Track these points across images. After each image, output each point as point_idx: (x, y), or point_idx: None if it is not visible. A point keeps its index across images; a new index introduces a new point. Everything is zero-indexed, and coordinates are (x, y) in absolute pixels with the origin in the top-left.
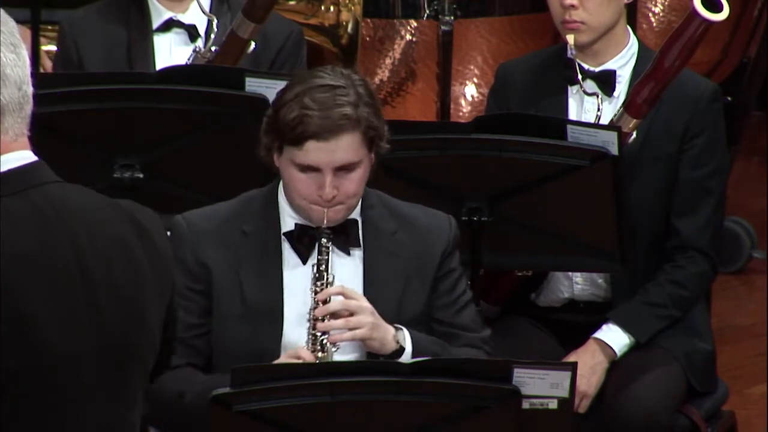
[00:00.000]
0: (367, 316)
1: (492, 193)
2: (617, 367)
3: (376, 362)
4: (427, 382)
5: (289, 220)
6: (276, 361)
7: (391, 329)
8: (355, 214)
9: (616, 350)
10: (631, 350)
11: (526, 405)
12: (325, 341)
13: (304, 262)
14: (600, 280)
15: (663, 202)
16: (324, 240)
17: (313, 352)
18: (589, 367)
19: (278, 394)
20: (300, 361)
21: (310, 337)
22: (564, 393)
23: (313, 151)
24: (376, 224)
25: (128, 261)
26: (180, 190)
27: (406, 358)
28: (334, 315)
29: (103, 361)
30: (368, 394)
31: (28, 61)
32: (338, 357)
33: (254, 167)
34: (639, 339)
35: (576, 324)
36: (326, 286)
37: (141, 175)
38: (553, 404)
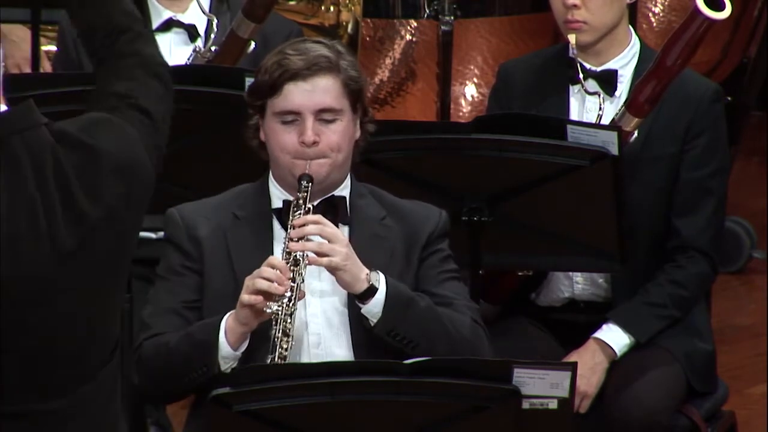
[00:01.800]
0: (342, 246)
1: (492, 193)
2: (617, 367)
3: (376, 362)
4: (427, 382)
5: (277, 201)
6: (254, 274)
7: (364, 269)
8: (344, 193)
9: (616, 350)
10: (631, 350)
11: (526, 405)
12: (297, 255)
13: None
14: (600, 280)
15: (664, 202)
16: (304, 182)
17: (287, 264)
18: (589, 367)
19: (278, 394)
20: (274, 269)
21: (283, 254)
22: (564, 393)
23: (292, 93)
24: (364, 210)
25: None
26: (180, 190)
27: (380, 298)
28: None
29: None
30: (368, 394)
31: None
32: (324, 332)
33: (254, 167)
34: (639, 339)
35: (576, 324)
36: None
37: None
38: (553, 404)
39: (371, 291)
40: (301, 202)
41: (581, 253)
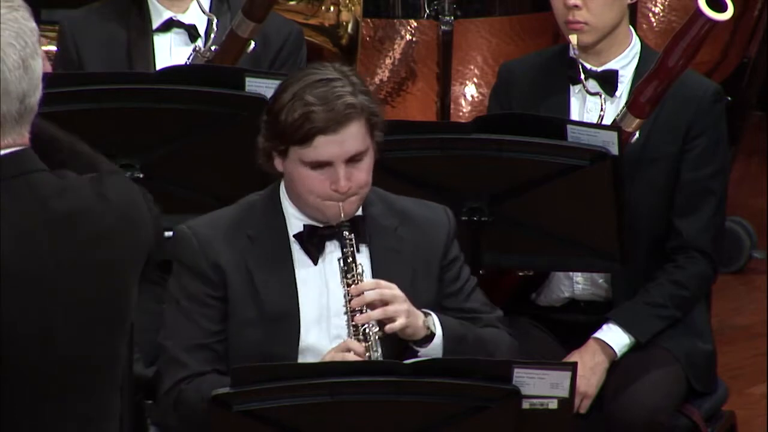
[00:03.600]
0: (402, 304)
1: (492, 193)
2: (617, 367)
3: (376, 362)
4: (427, 382)
5: (295, 222)
6: (325, 357)
7: (421, 315)
8: (359, 210)
9: (617, 350)
10: (632, 350)
11: (526, 405)
12: (367, 330)
13: (315, 262)
14: (600, 280)
15: (664, 202)
16: (346, 233)
17: (357, 341)
18: (590, 367)
19: (278, 394)
20: (351, 354)
21: (351, 329)
22: (564, 393)
23: (323, 146)
24: (378, 221)
25: (107, 249)
26: (180, 190)
27: (438, 342)
28: (370, 306)
29: (74, 347)
30: (368, 394)
31: (40, 70)
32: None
33: (254, 167)
34: (639, 339)
35: (576, 324)
36: (356, 278)
37: (141, 175)
38: (553, 404)
39: (430, 336)
40: (349, 260)
41: (581, 253)
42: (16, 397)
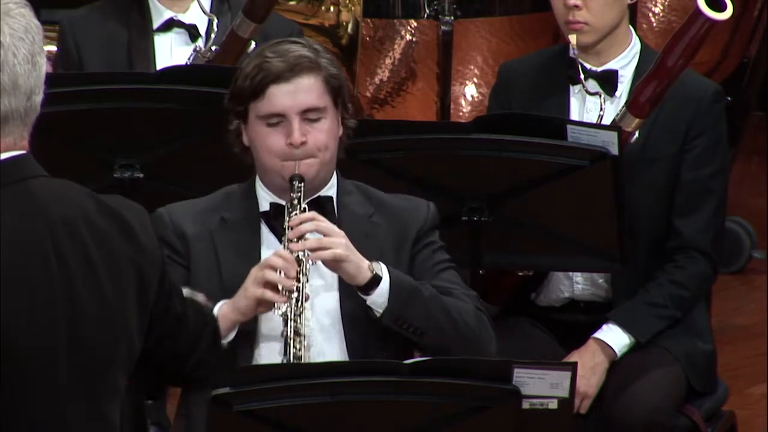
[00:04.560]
0: (340, 238)
1: (492, 193)
2: (617, 367)
3: (376, 362)
4: (427, 382)
5: (265, 203)
6: (261, 263)
7: (365, 259)
8: (331, 192)
9: (617, 350)
10: (632, 350)
11: (526, 405)
12: (300, 256)
13: (281, 241)
14: (600, 280)
15: (664, 203)
16: (296, 182)
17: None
18: (589, 367)
19: (278, 394)
20: (279, 260)
21: None
22: (564, 393)
23: (276, 95)
24: (352, 208)
25: (108, 256)
26: (180, 190)
27: (384, 287)
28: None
29: (77, 354)
30: (368, 394)
31: (44, 69)
32: (317, 337)
33: (254, 167)
34: (639, 339)
35: (576, 324)
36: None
37: (141, 175)
38: (553, 404)
39: (375, 281)
40: (296, 202)
41: (581, 253)
42: (17, 398)
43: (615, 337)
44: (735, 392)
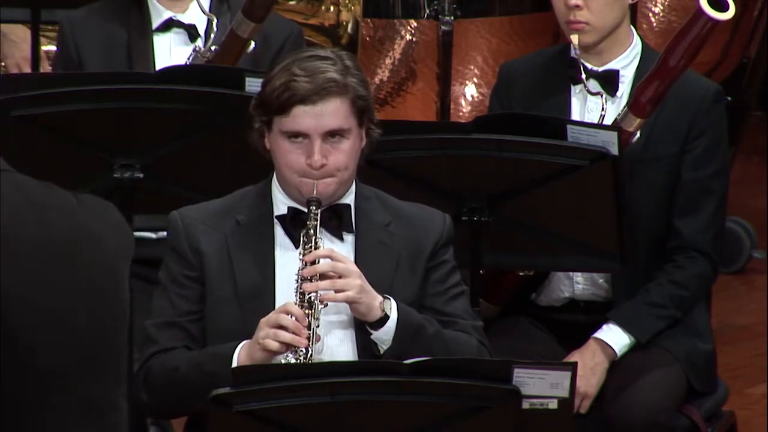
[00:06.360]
0: (355, 279)
1: (492, 193)
2: (617, 367)
3: (376, 362)
4: (427, 382)
5: (281, 206)
6: (267, 317)
7: (378, 297)
8: (349, 200)
9: (617, 350)
10: (632, 350)
11: (526, 405)
12: (312, 298)
13: (297, 245)
14: (600, 280)
15: (664, 203)
16: (313, 207)
17: (301, 308)
18: (590, 367)
19: (278, 394)
20: (289, 315)
21: (297, 295)
22: (564, 393)
23: (300, 116)
24: (369, 215)
25: (92, 240)
26: (180, 190)
27: (391, 326)
28: (322, 277)
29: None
30: (368, 394)
31: None
32: (328, 340)
33: (254, 167)
34: (639, 339)
35: (576, 324)
36: (314, 249)
37: (141, 175)
38: (553, 404)
39: (383, 319)
40: (311, 232)
41: (581, 253)
42: (13, 395)
43: (615, 337)
44: (735, 392)
